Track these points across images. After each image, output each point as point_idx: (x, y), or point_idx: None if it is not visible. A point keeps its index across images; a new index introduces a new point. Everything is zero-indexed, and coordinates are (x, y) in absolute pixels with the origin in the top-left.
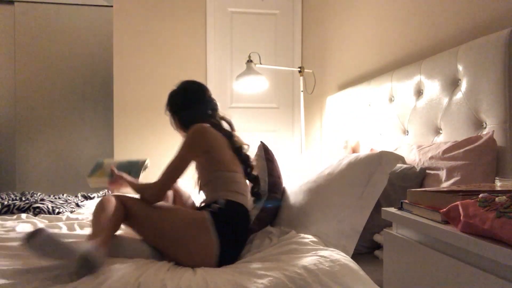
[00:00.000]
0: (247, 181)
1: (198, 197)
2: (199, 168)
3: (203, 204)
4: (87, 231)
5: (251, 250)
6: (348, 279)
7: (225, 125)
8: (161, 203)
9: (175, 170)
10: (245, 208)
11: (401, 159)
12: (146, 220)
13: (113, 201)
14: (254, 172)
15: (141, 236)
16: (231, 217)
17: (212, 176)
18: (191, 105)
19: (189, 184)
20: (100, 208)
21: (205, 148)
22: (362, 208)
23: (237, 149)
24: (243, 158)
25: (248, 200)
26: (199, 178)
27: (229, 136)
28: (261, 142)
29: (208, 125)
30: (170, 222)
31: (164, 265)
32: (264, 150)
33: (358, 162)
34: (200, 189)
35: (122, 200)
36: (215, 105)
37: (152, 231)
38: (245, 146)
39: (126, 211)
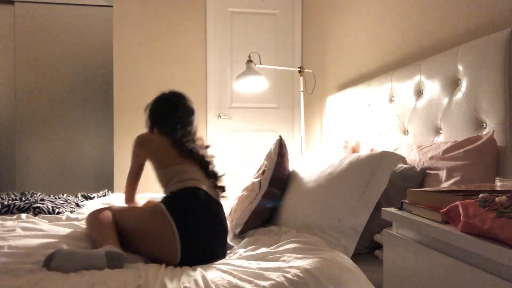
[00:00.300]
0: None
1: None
2: (153, 169)
3: None
4: None
5: (251, 245)
6: (350, 283)
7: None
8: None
9: (132, 175)
10: (197, 188)
11: (402, 160)
12: (119, 227)
13: (104, 212)
14: (213, 169)
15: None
16: (182, 199)
17: (161, 174)
18: (160, 118)
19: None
20: (95, 221)
21: (146, 153)
22: (363, 208)
23: (190, 153)
24: (200, 161)
25: (202, 182)
26: (157, 178)
27: (180, 145)
28: (279, 137)
29: (147, 133)
30: (133, 222)
31: (163, 265)
32: (279, 146)
33: (359, 162)
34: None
35: (110, 210)
36: (188, 122)
37: (125, 236)
38: (203, 151)
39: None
